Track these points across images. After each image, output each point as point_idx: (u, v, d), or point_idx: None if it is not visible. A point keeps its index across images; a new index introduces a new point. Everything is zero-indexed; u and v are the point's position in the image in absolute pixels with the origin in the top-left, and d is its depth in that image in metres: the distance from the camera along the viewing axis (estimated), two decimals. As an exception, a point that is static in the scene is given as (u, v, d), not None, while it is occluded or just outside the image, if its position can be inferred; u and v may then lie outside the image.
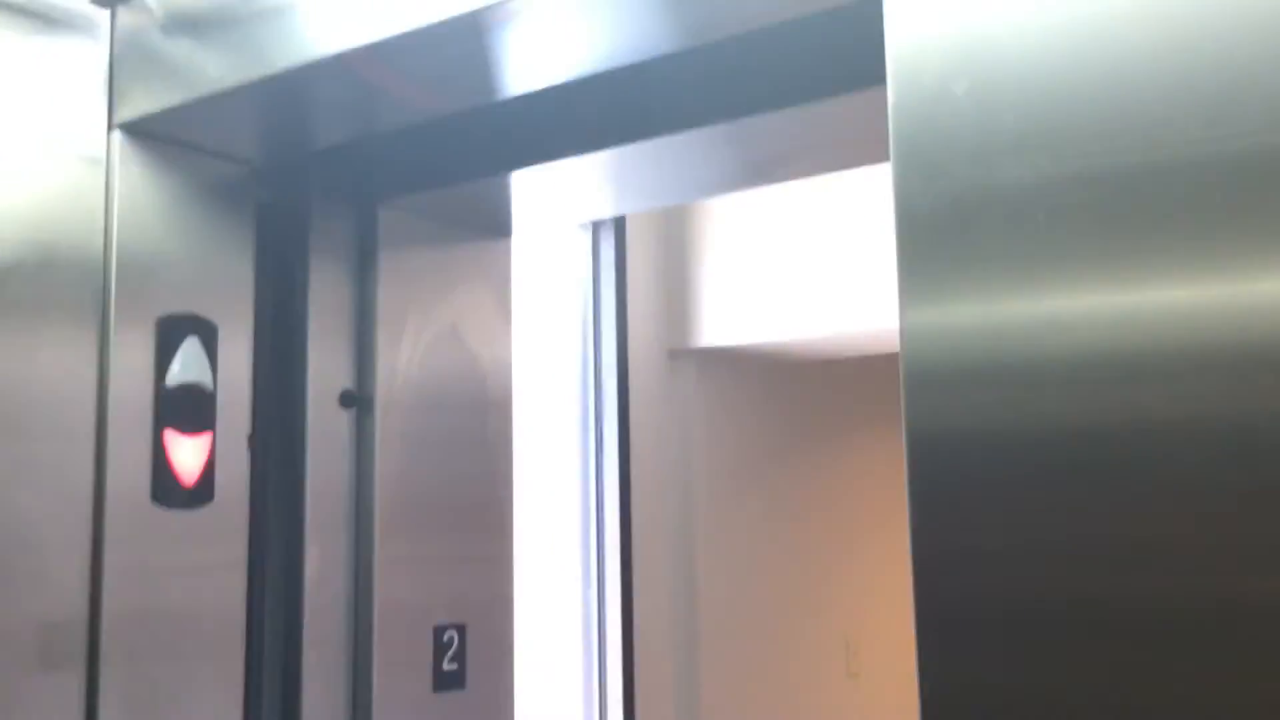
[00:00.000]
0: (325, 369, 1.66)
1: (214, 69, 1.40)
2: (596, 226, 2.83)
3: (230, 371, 1.54)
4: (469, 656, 1.73)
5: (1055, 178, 0.85)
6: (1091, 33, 0.84)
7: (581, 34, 1.28)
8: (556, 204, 1.84)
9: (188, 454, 1.46)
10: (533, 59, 1.35)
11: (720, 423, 3.27)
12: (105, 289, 1.45)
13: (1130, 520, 0.81)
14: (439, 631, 1.70)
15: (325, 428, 1.65)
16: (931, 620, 0.88)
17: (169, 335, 1.47)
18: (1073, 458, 0.83)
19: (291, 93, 1.43)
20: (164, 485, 1.44)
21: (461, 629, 1.73)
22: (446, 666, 1.69)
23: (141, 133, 1.49)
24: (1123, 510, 0.81)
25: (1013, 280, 0.86)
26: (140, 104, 1.47)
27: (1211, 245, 0.79)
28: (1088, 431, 0.83)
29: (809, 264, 2.88)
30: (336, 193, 1.72)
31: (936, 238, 0.89)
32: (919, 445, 0.90)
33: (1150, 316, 0.81)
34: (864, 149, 1.63)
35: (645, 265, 2.98)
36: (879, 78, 1.30)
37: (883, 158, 1.60)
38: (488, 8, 1.20)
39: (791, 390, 3.59)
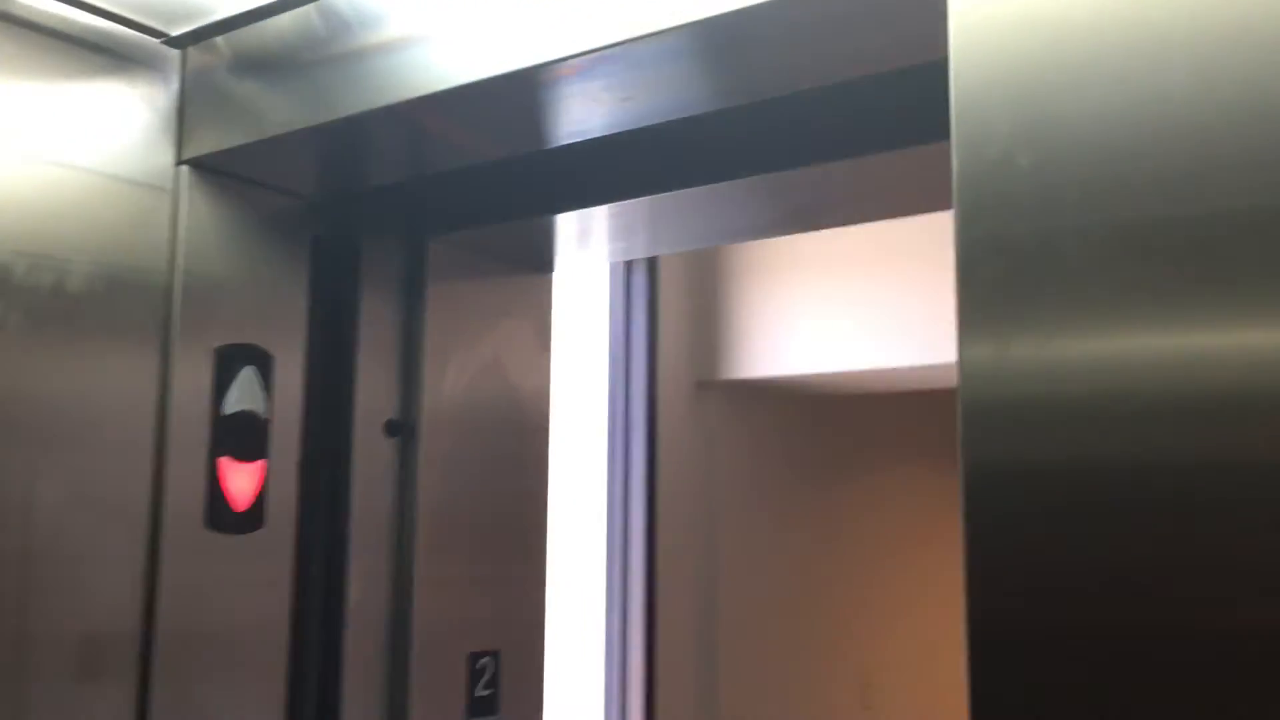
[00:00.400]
0: (372, 398, 1.72)
1: (279, 111, 1.46)
2: (630, 262, 2.88)
3: (282, 399, 1.59)
4: (502, 682, 1.78)
5: (1113, 239, 0.89)
6: (1150, 110, 0.89)
7: (632, 93, 1.34)
8: (597, 244, 1.90)
9: (241, 480, 1.52)
10: (584, 113, 1.40)
11: (744, 453, 3.31)
12: (169, 317, 1.50)
13: (1184, 555, 0.85)
14: (473, 658, 1.74)
15: (370, 455, 1.70)
16: (986, 650, 0.92)
17: (227, 364, 1.53)
18: (1126, 494, 0.88)
19: (351, 136, 1.49)
20: (217, 510, 1.50)
21: (495, 655, 1.77)
22: (480, 692, 1.74)
23: (206, 168, 1.55)
24: (1176, 545, 0.85)
25: (1069, 326, 0.91)
26: (207, 142, 1.53)
27: (1260, 292, 0.83)
28: (1141, 468, 0.87)
29: (835, 301, 2.93)
30: (388, 227, 1.78)
31: (997, 291, 0.94)
32: (975, 478, 0.94)
33: (1201, 359, 0.85)
34: (900, 200, 1.68)
35: (676, 300, 3.03)
36: (921, 135, 1.35)
37: (917, 208, 1.67)
38: (543, 65, 1.26)
39: (815, 424, 3.62)
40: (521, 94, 1.35)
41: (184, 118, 1.55)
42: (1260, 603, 0.82)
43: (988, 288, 0.94)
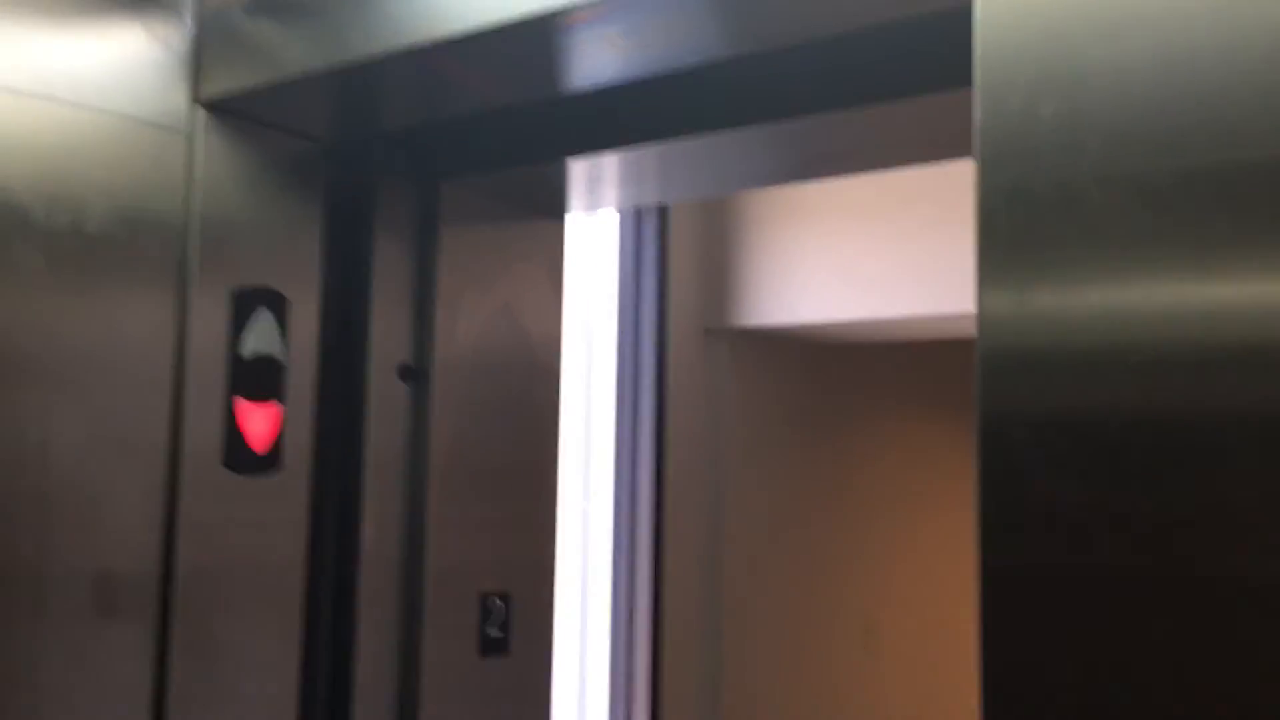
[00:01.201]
0: (386, 342, 1.73)
1: (294, 53, 1.46)
2: (640, 209, 2.88)
3: (298, 343, 1.60)
4: (513, 623, 1.81)
5: (1135, 190, 0.90)
6: (1175, 62, 0.89)
7: (649, 38, 1.33)
8: (610, 190, 1.89)
9: (258, 422, 1.53)
10: (598, 59, 1.40)
11: (751, 400, 3.33)
12: (185, 259, 1.51)
13: (1197, 506, 0.86)
14: (485, 598, 1.77)
15: (384, 399, 1.72)
16: (999, 594, 0.94)
17: (243, 306, 1.54)
18: (1140, 443, 0.89)
19: (366, 79, 1.49)
20: (235, 451, 1.52)
21: (506, 596, 1.80)
22: (492, 633, 1.77)
23: (222, 109, 1.55)
24: (1191, 492, 0.87)
25: (1088, 276, 0.91)
26: (222, 83, 1.53)
27: (1268, 243, 0.84)
28: (1156, 418, 0.88)
29: (845, 250, 2.93)
30: (402, 171, 1.78)
31: (1017, 239, 0.94)
32: (990, 426, 0.95)
33: (1220, 310, 0.86)
34: (917, 148, 1.68)
35: (686, 247, 3.03)
36: (940, 82, 1.35)
37: (933, 157, 1.66)
38: (559, 10, 1.25)
39: (821, 372, 3.64)
40: (537, 38, 1.34)
41: (200, 59, 1.54)
42: (1271, 555, 0.84)
43: (1008, 237, 0.95)
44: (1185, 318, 0.87)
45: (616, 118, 1.63)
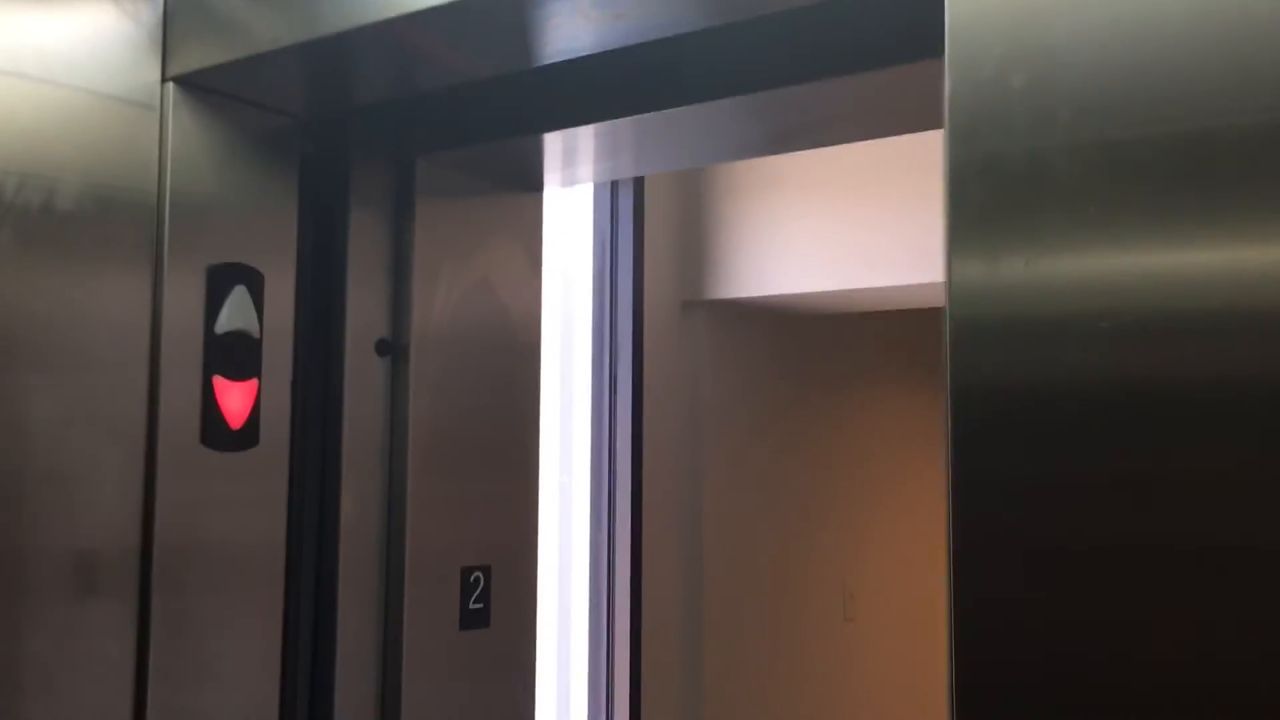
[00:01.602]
0: (363, 317, 1.72)
1: (265, 28, 1.45)
2: (616, 182, 2.88)
3: (274, 319, 1.60)
4: (494, 597, 1.82)
5: (1104, 159, 0.91)
6: (1143, 30, 0.90)
7: (623, 9, 1.33)
8: (586, 163, 1.89)
9: (235, 399, 1.53)
10: (571, 31, 1.39)
11: (729, 372, 3.34)
12: (159, 235, 1.50)
13: (1162, 467, 0.88)
14: (466, 572, 1.78)
15: (361, 374, 1.72)
16: (970, 560, 0.95)
17: (218, 283, 1.53)
18: (1109, 412, 0.90)
19: (339, 53, 1.48)
20: (213, 428, 1.51)
21: (487, 570, 1.81)
22: (472, 606, 1.78)
23: (193, 85, 1.54)
24: (1155, 457, 0.88)
25: (1058, 245, 0.92)
26: (193, 58, 1.52)
27: (1247, 211, 0.85)
28: (1125, 386, 0.89)
29: (820, 222, 2.94)
30: (377, 146, 1.77)
31: (987, 210, 0.95)
32: (960, 395, 0.96)
33: (1188, 277, 0.87)
34: (889, 120, 1.69)
35: (662, 219, 3.03)
36: (910, 53, 1.35)
37: (905, 128, 1.67)
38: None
39: (797, 343, 3.65)
40: (511, 10, 1.34)
41: (170, 34, 1.53)
42: (1241, 521, 0.85)
43: (977, 207, 0.96)
44: (1153, 286, 0.89)
45: (591, 91, 1.63)
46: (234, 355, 1.54)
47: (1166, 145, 0.88)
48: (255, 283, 1.57)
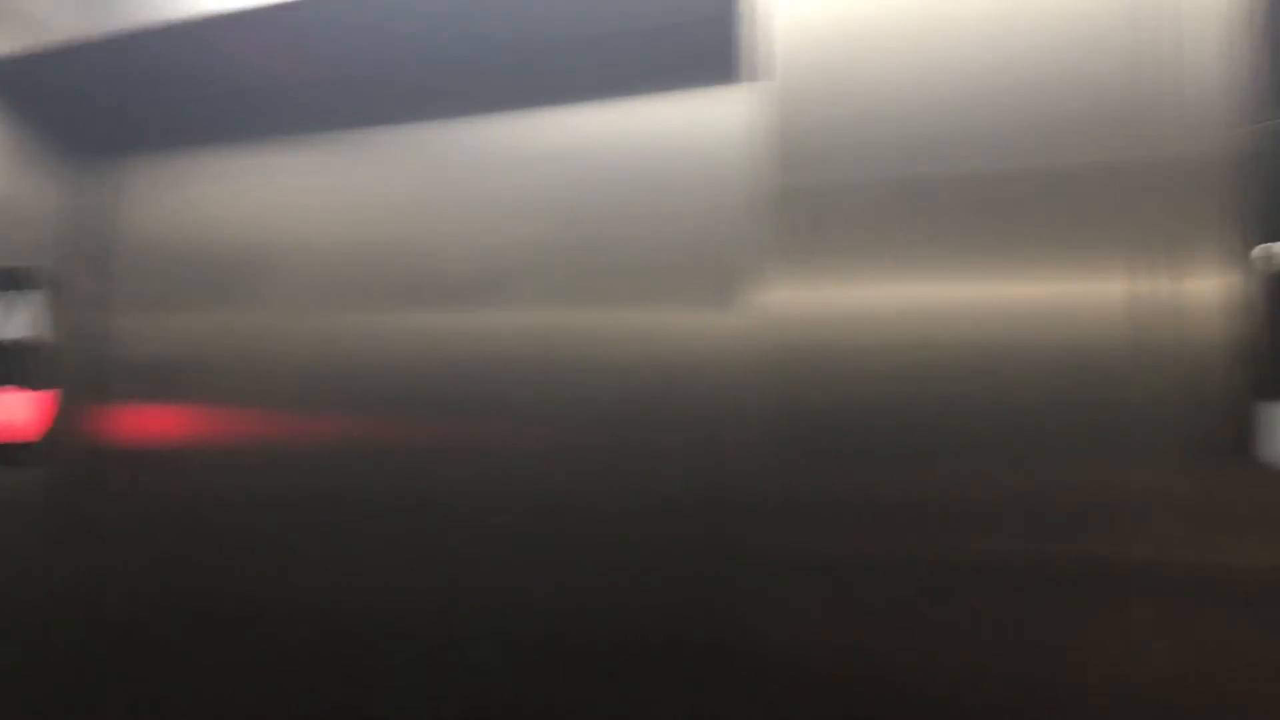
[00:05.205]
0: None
1: (58, 21, 1.37)
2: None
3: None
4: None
5: (891, 195, 0.97)
6: (925, 80, 0.96)
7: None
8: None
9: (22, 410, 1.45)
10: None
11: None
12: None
13: (930, 488, 0.95)
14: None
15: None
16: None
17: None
18: (885, 428, 0.97)
19: (129, 51, 1.41)
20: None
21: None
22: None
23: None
24: (917, 473, 0.95)
25: (855, 276, 0.98)
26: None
27: (1005, 250, 0.92)
28: (898, 409, 0.97)
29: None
30: (165, 143, 1.68)
31: (801, 237, 1.00)
32: (783, 415, 1.01)
33: (956, 311, 0.94)
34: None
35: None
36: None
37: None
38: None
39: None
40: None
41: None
42: (995, 536, 0.92)
43: (792, 235, 1.00)
44: (920, 316, 0.95)
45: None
46: (20, 365, 1.44)
47: (939, 184, 0.95)
48: (43, 287, 1.48)
